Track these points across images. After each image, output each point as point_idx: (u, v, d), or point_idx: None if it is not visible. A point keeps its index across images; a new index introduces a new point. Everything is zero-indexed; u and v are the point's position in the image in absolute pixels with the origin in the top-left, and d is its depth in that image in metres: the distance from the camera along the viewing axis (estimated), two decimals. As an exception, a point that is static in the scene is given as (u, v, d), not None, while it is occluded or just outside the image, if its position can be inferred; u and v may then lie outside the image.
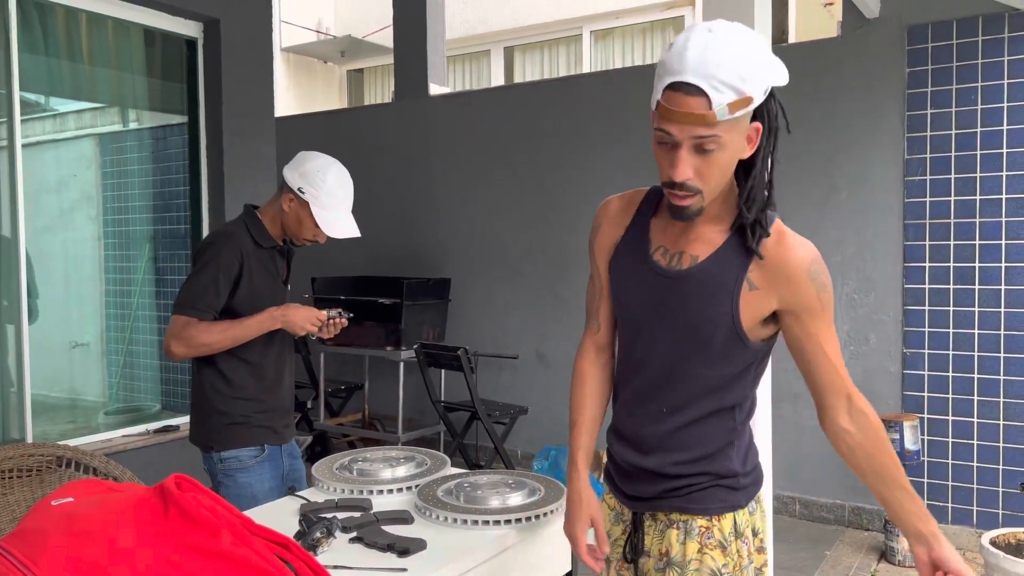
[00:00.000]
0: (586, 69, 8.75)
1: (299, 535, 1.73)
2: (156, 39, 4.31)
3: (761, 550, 1.57)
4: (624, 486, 1.61)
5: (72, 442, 3.69)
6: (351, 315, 2.58)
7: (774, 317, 1.47)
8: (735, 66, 1.26)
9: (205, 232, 4.41)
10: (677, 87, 1.29)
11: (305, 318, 2.41)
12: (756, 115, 1.36)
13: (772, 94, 1.37)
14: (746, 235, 1.42)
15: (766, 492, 2.66)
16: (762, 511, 1.59)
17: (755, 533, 1.56)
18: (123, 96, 4.39)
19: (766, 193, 1.41)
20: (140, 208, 4.52)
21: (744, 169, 1.42)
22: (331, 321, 2.47)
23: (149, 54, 4.31)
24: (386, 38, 8.68)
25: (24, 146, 3.72)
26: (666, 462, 1.53)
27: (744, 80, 1.27)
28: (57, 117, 4.35)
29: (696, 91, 1.27)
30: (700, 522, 1.52)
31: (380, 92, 10.72)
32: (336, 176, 2.41)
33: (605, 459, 1.71)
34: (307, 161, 2.42)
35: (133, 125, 4.55)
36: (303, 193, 2.38)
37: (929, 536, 1.41)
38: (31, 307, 3.77)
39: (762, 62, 1.30)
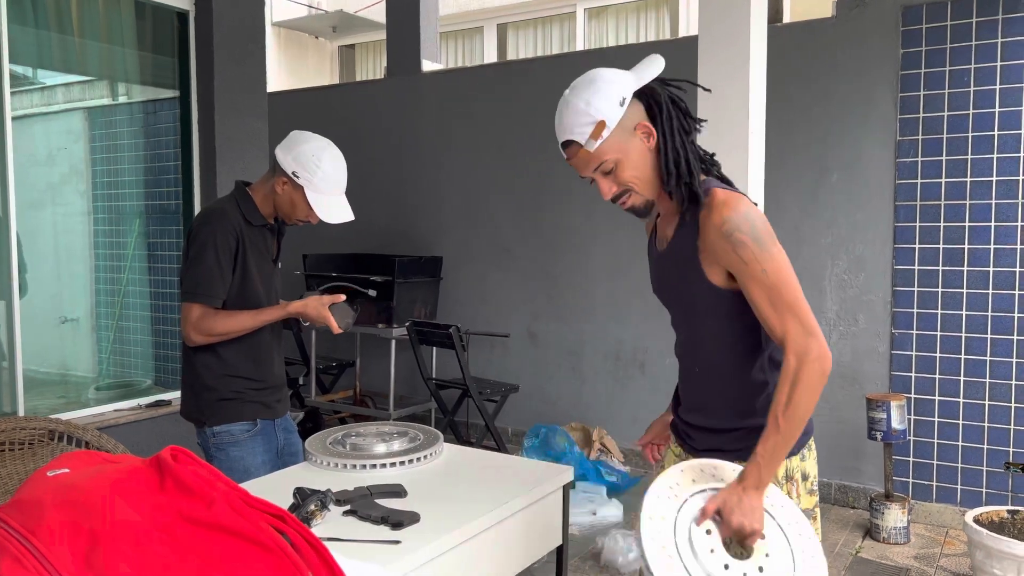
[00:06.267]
0: (580, 47, 8.71)
1: (293, 507, 1.75)
2: (147, 11, 4.26)
3: (812, 492, 1.73)
4: (688, 442, 1.80)
5: (64, 416, 3.69)
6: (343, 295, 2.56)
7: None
8: (577, 107, 1.59)
9: (197, 208, 4.39)
10: (563, 147, 1.66)
11: (321, 314, 2.41)
12: (649, 110, 1.63)
13: (651, 88, 1.63)
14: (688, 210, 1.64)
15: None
16: (814, 457, 1.75)
17: (805, 477, 1.72)
18: (113, 69, 4.35)
19: (682, 165, 1.61)
20: (130, 183, 4.48)
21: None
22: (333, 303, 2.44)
23: (140, 27, 4.26)
24: (378, 13, 8.60)
25: (13, 119, 3.69)
26: (709, 417, 1.73)
27: (589, 112, 1.58)
28: (46, 90, 4.30)
29: (568, 143, 1.63)
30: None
31: (372, 68, 10.64)
32: (331, 160, 2.37)
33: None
34: (301, 143, 2.37)
35: (123, 99, 4.50)
36: (297, 177, 2.35)
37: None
38: (21, 282, 3.75)
39: (599, 90, 1.59)
